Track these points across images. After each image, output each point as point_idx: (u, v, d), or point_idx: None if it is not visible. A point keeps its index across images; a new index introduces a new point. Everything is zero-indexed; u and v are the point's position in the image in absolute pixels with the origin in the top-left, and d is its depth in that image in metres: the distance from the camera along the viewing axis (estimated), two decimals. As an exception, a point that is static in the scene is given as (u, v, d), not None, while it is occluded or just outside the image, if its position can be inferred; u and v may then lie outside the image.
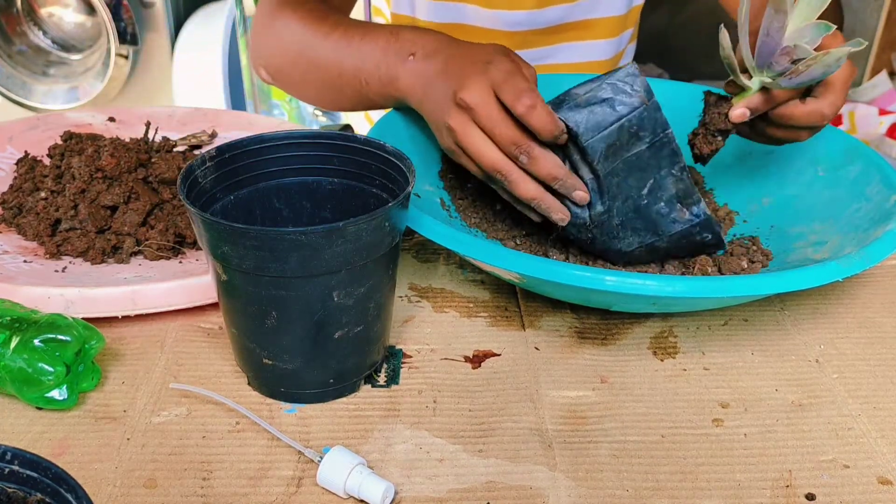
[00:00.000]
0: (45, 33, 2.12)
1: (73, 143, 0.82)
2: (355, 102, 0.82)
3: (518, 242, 0.74)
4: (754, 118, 0.70)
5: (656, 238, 0.68)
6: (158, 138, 0.84)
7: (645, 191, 0.67)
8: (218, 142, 0.91)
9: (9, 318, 0.58)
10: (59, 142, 0.84)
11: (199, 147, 0.90)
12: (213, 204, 0.60)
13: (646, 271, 0.73)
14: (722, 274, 0.71)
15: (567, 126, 0.65)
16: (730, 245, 0.75)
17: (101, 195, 0.73)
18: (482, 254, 0.61)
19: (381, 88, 0.75)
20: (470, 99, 0.64)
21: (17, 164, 0.82)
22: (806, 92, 0.70)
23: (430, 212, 0.69)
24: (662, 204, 0.67)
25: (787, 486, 0.54)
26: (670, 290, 0.57)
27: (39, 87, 2.09)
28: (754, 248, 0.74)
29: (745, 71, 0.68)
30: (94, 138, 0.83)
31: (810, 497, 0.53)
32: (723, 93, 0.71)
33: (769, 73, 0.66)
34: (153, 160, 0.77)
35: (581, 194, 0.66)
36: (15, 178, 0.81)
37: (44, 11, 2.11)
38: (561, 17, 1.01)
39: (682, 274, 0.72)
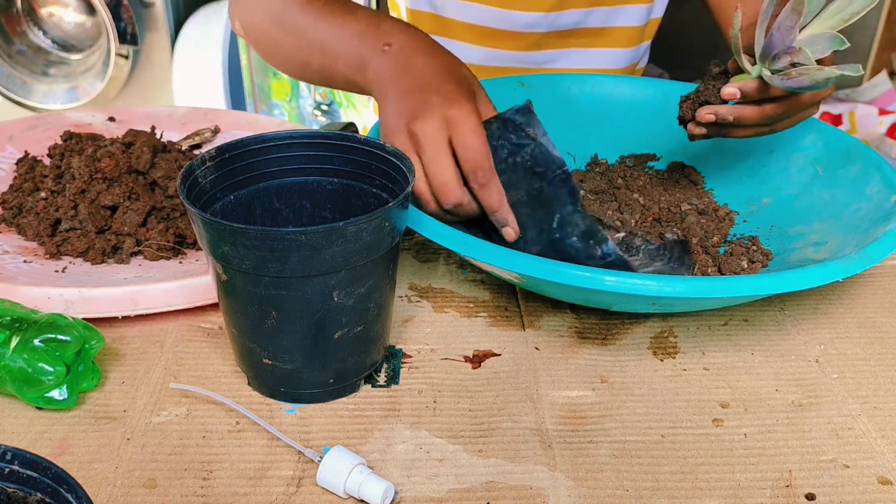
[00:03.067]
0: (45, 33, 2.12)
1: (73, 143, 0.82)
2: (321, 79, 0.81)
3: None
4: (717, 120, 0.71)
5: None
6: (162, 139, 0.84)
7: (555, 224, 0.68)
8: (219, 142, 0.91)
9: (9, 318, 0.58)
10: (59, 142, 0.84)
11: (199, 147, 0.90)
12: (213, 204, 0.60)
13: (645, 271, 0.73)
14: (722, 274, 0.71)
15: None
16: (730, 245, 0.75)
17: (101, 195, 0.73)
18: (482, 254, 0.61)
19: (350, 73, 0.75)
20: (421, 132, 0.64)
21: (17, 164, 0.82)
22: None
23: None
24: (575, 239, 0.68)
25: (787, 486, 0.54)
26: (670, 291, 0.57)
27: (39, 87, 2.10)
28: (754, 248, 0.74)
29: (752, 55, 0.68)
30: (94, 138, 0.83)
31: (810, 497, 0.53)
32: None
33: (769, 66, 0.67)
34: (155, 161, 0.77)
35: (510, 231, 0.67)
36: (15, 178, 0.81)
37: (44, 11, 2.11)
38: (577, 22, 1.01)
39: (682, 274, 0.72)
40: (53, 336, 0.57)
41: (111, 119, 0.95)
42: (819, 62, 0.66)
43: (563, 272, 0.58)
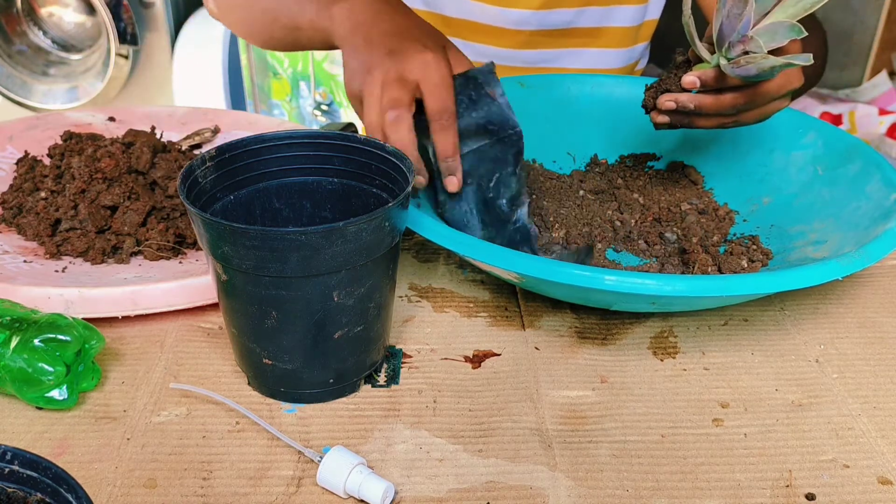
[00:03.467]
0: (45, 33, 2.12)
1: (73, 142, 0.82)
2: (286, 43, 0.83)
3: None
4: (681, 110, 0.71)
5: (496, 235, 0.70)
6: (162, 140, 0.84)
7: (492, 184, 0.69)
8: (219, 142, 0.91)
9: (9, 318, 0.58)
10: (59, 142, 0.84)
11: (199, 147, 0.90)
12: (213, 204, 0.60)
13: (646, 270, 0.73)
14: (722, 273, 0.71)
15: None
16: (730, 244, 0.75)
17: (101, 195, 0.73)
18: (482, 254, 0.61)
19: (313, 31, 0.75)
20: (394, 67, 0.65)
21: (17, 164, 0.82)
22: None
23: (429, 212, 0.69)
24: (504, 201, 0.70)
25: (787, 486, 0.54)
26: (670, 290, 0.57)
27: (39, 87, 2.10)
28: (754, 247, 0.74)
29: (711, 43, 0.69)
30: (94, 138, 0.83)
31: (810, 497, 0.53)
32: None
33: (724, 55, 0.67)
34: (155, 161, 0.77)
35: (454, 180, 0.68)
36: (15, 178, 0.81)
37: (44, 11, 2.11)
38: (569, 22, 1.01)
39: (682, 273, 0.72)
40: (53, 336, 0.57)
41: (111, 119, 0.95)
42: (780, 51, 0.66)
43: (562, 272, 0.58)
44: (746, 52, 0.66)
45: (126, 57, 1.98)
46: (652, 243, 0.77)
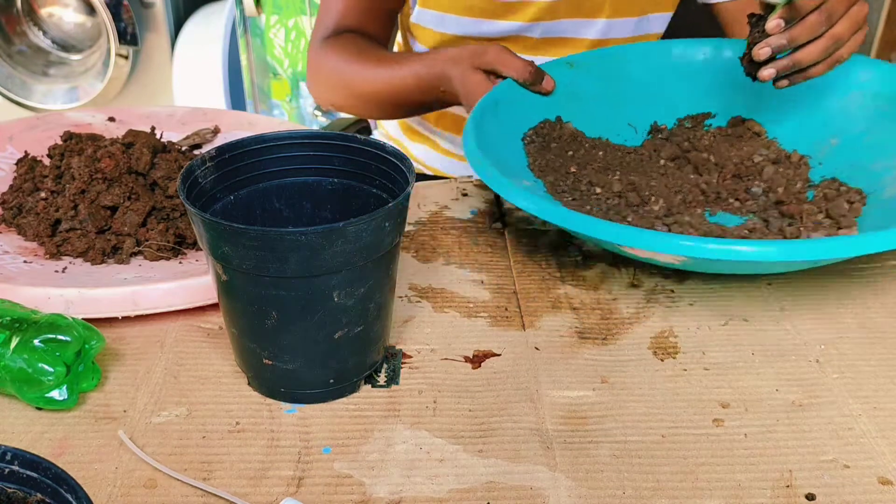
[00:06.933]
0: (45, 33, 2.12)
1: (73, 143, 0.82)
2: (413, 110, 1.03)
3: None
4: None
5: None
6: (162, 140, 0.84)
7: None
8: (219, 142, 0.91)
9: (9, 318, 0.58)
10: (59, 142, 0.84)
11: (199, 147, 0.90)
12: (213, 204, 0.60)
13: (751, 228, 0.73)
14: (830, 218, 0.72)
15: None
16: (817, 189, 0.76)
17: (101, 195, 0.73)
18: (636, 240, 0.62)
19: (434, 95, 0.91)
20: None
21: (17, 164, 0.82)
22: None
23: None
24: None
25: (788, 486, 0.54)
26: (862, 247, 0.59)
27: (39, 87, 2.10)
28: (844, 188, 0.74)
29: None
30: (94, 138, 0.83)
31: (810, 497, 0.53)
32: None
33: None
34: (155, 161, 0.77)
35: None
36: (15, 178, 0.81)
37: (44, 11, 2.11)
38: (565, 31, 1.02)
39: (790, 226, 0.73)
40: (53, 336, 0.57)
41: (111, 119, 0.95)
42: None
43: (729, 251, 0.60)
44: None
45: (126, 57, 1.98)
46: (743, 200, 0.77)
